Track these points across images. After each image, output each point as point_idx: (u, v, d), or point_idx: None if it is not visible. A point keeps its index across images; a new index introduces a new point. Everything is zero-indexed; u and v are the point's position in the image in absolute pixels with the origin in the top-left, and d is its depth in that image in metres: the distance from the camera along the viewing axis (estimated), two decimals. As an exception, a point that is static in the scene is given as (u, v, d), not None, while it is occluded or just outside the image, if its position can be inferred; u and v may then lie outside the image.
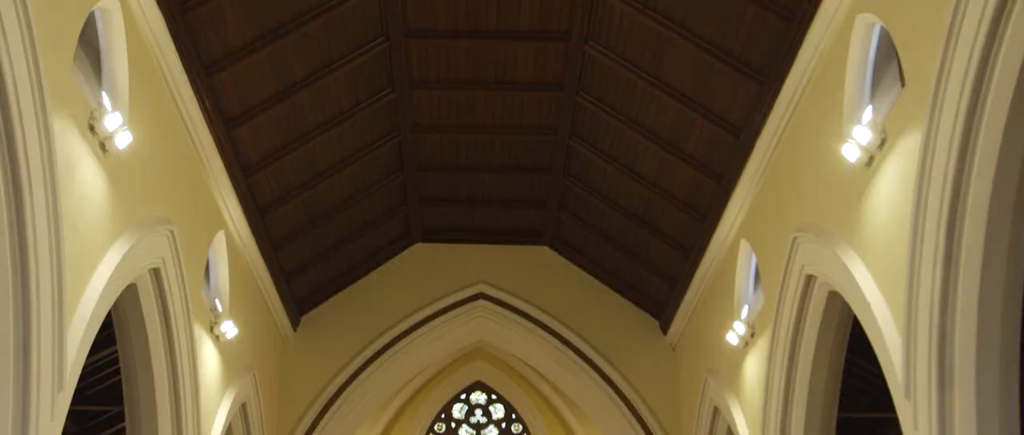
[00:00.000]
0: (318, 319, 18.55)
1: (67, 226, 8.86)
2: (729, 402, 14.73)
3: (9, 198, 7.99)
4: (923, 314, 8.62)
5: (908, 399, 8.99)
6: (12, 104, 7.76)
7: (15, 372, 8.39)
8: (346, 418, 18.13)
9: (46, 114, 8.20)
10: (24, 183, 8.03)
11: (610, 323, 18.55)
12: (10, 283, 8.17)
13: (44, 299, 8.53)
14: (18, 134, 7.87)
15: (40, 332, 8.54)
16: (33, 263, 8.32)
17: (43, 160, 8.27)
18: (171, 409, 12.41)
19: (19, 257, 8.22)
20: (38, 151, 8.18)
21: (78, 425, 16.81)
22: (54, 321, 8.76)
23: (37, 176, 8.19)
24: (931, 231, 8.39)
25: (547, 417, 26.01)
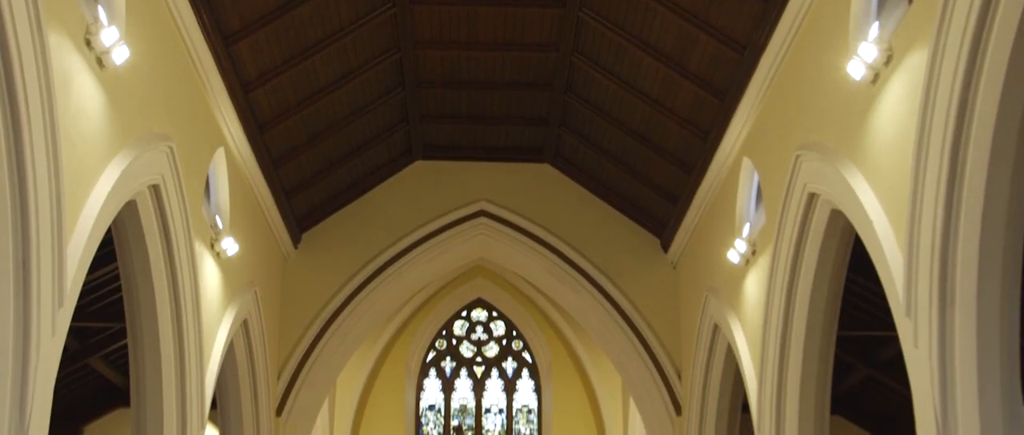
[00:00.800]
0: (319, 236, 18.55)
1: (65, 142, 8.80)
2: (729, 320, 14.78)
3: (5, 113, 7.93)
4: (925, 232, 8.60)
5: (908, 317, 9.00)
6: (6, 18, 7.66)
7: (15, 289, 8.40)
8: (347, 335, 18.22)
9: (41, 28, 8.10)
10: (20, 98, 7.96)
11: (611, 241, 18.56)
12: (8, 199, 8.13)
13: (43, 215, 8.50)
14: (13, 49, 7.78)
15: (39, 248, 8.53)
16: (31, 179, 8.28)
17: (39, 75, 8.19)
18: (172, 325, 12.45)
19: (17, 174, 8.17)
20: (34, 66, 8.09)
21: (80, 342, 16.90)
22: (53, 237, 8.74)
23: (33, 91, 8.11)
24: (935, 149, 8.33)
25: (547, 334, 26.17)
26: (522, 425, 26.40)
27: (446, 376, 26.57)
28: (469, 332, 26.86)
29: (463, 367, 26.66)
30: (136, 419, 12.64)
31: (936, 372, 8.60)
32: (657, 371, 17.96)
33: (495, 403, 26.54)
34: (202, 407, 13.49)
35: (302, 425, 18.20)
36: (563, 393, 25.95)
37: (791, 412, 12.75)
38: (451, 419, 26.27)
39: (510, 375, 26.64)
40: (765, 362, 13.16)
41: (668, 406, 17.83)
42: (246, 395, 16.29)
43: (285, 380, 17.74)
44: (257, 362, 16.37)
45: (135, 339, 12.35)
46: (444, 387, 26.50)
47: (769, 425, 13.11)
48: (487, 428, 26.22)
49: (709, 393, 16.37)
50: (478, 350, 26.75)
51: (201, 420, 13.43)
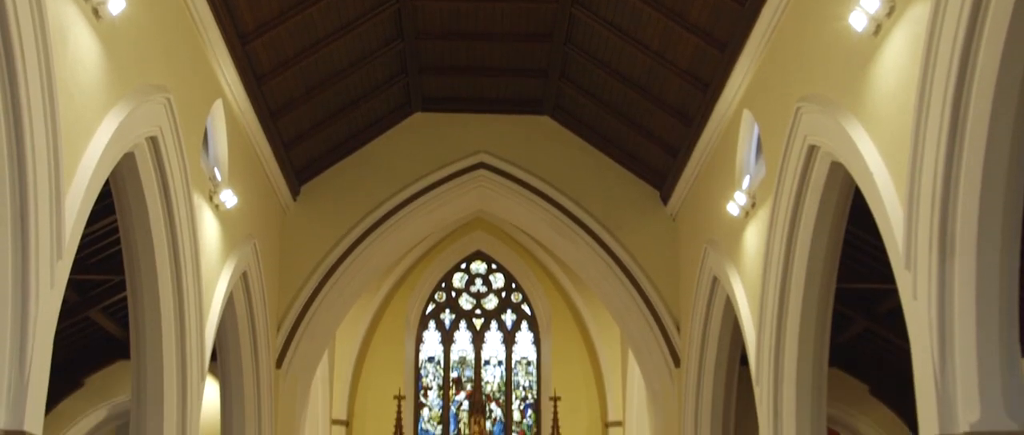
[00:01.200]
0: (318, 188, 18.52)
1: (61, 94, 8.76)
2: (728, 272, 14.79)
3: (1, 65, 7.88)
4: (926, 184, 8.57)
5: (908, 269, 9.00)
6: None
7: (13, 241, 8.40)
8: (347, 287, 18.24)
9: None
10: (16, 49, 7.91)
11: (610, 193, 18.53)
12: (5, 151, 8.11)
13: (40, 167, 8.48)
14: (8, 0, 7.73)
15: (37, 200, 8.51)
16: (28, 131, 8.25)
17: (35, 26, 8.14)
18: (172, 277, 12.46)
19: (13, 125, 8.15)
20: (29, 17, 8.03)
21: (80, 294, 16.90)
22: (51, 189, 8.73)
23: (29, 43, 8.06)
24: (937, 101, 8.29)
25: (546, 286, 26.22)
26: (521, 377, 26.52)
27: (445, 328, 26.65)
28: (468, 284, 26.90)
29: (462, 319, 26.73)
30: (136, 371, 12.68)
31: (935, 324, 8.61)
32: (656, 323, 18.00)
33: (494, 355, 26.64)
34: (202, 359, 13.53)
35: (302, 377, 18.28)
36: (562, 345, 26.04)
37: (789, 364, 12.79)
38: (450, 371, 26.38)
39: (509, 327, 26.72)
40: (764, 314, 13.19)
41: (667, 358, 17.89)
42: (246, 347, 16.33)
43: (285, 332, 17.78)
44: (257, 314, 16.40)
45: (134, 291, 12.36)
46: (443, 339, 26.59)
47: (767, 377, 13.15)
48: (486, 380, 26.33)
49: (708, 345, 16.41)
50: (477, 302, 26.81)
51: (201, 372, 13.47)
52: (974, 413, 8.43)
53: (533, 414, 26.26)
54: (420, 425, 25.97)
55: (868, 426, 19.42)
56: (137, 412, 12.74)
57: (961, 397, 8.50)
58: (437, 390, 26.36)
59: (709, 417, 16.65)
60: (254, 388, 16.60)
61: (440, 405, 26.22)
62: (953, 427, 8.51)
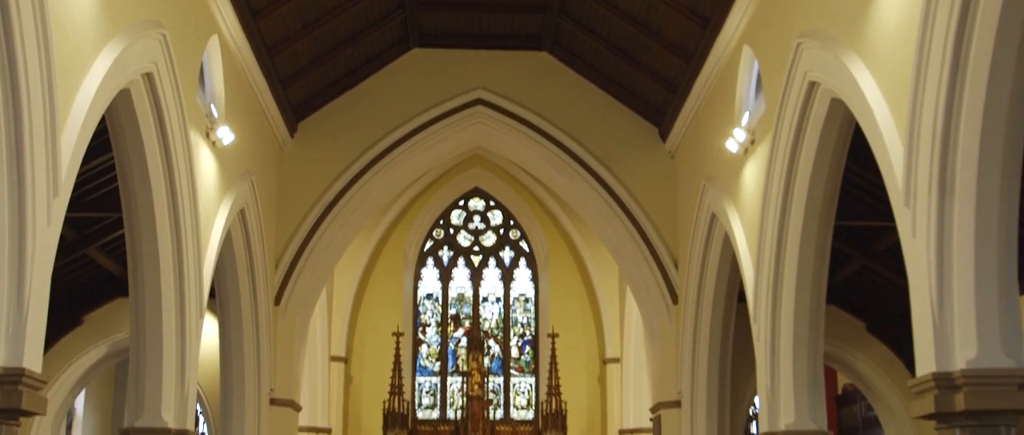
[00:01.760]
0: (315, 125, 18.43)
1: (56, 30, 8.67)
2: (726, 209, 14.78)
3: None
4: (927, 121, 8.53)
5: (907, 206, 8.98)
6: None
7: (9, 178, 8.37)
8: (345, 224, 18.22)
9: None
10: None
11: (609, 129, 18.46)
12: (0, 89, 8.05)
13: (35, 104, 8.42)
14: (-1, -67, 7.63)
15: (32, 137, 8.47)
16: (22, 67, 8.19)
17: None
18: (169, 214, 12.43)
19: (7, 62, 8.08)
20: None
21: (77, 231, 16.88)
22: (46, 126, 8.67)
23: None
24: (939, 36, 8.22)
25: (544, 223, 26.23)
26: (519, 313, 26.62)
27: (444, 265, 26.71)
28: (466, 221, 26.92)
29: (460, 256, 26.78)
30: (135, 309, 12.70)
31: (933, 261, 8.61)
32: (654, 260, 18.01)
33: (492, 292, 26.72)
34: (200, 296, 13.55)
35: (300, 314, 18.33)
36: (560, 282, 26.12)
37: (787, 301, 12.81)
38: (449, 308, 26.48)
39: (507, 264, 26.77)
40: (762, 251, 13.19)
41: (664, 295, 17.93)
42: (244, 284, 16.35)
43: (283, 269, 17.80)
44: (255, 251, 16.40)
45: (132, 229, 12.35)
46: (442, 276, 26.66)
47: (765, 314, 13.19)
48: (484, 317, 26.44)
49: (705, 282, 16.44)
50: (475, 239, 26.85)
51: (199, 309, 13.50)
52: (971, 350, 8.45)
53: (531, 351, 26.41)
54: (418, 362, 26.13)
55: (864, 363, 19.52)
56: (136, 349, 12.78)
57: (958, 335, 8.52)
58: (435, 327, 26.47)
59: (706, 354, 16.72)
60: (253, 325, 16.65)
61: (438, 342, 26.35)
62: (950, 364, 8.54)
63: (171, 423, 12.73)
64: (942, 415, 8.60)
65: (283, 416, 17.82)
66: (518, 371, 26.28)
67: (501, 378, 26.02)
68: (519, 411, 25.87)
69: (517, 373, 26.27)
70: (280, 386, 17.64)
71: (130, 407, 12.84)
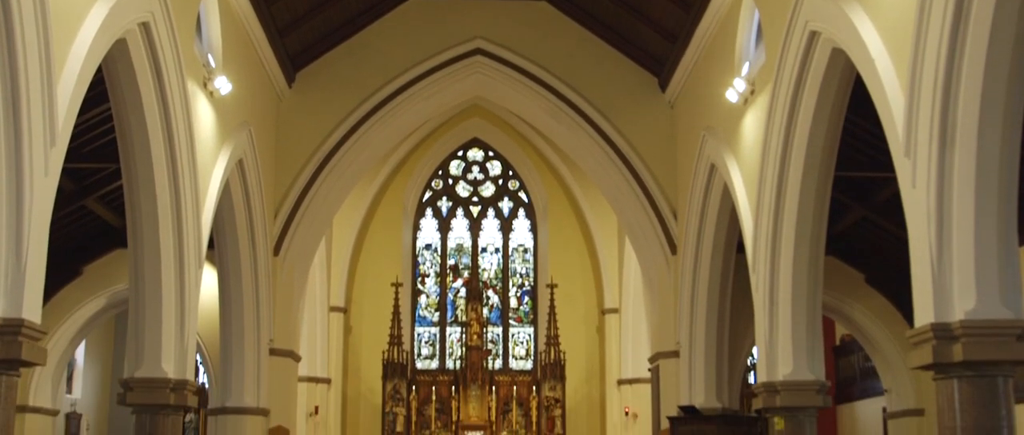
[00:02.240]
0: (313, 75, 18.34)
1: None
2: (726, 159, 14.74)
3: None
4: (928, 72, 8.48)
5: (908, 157, 8.95)
6: None
7: (5, 128, 8.33)
8: (344, 174, 18.18)
9: None
10: (1, -67, 7.74)
11: (608, 79, 18.37)
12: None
13: (31, 54, 8.38)
14: None
15: (28, 88, 8.43)
16: (17, 18, 8.13)
17: (20, -92, 7.96)
18: (167, 165, 12.40)
19: (3, 11, 8.03)
20: (14, -102, 7.85)
21: (76, 182, 16.83)
22: (42, 76, 8.63)
23: (15, -75, 7.89)
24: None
25: (544, 173, 26.20)
26: (518, 264, 26.65)
27: (442, 215, 26.71)
28: (465, 172, 26.88)
29: (459, 206, 26.77)
30: (133, 260, 12.70)
31: (933, 213, 8.60)
32: (653, 210, 18.00)
33: (491, 242, 26.74)
34: (199, 247, 13.55)
35: (299, 264, 18.34)
36: (559, 232, 26.12)
37: (786, 251, 12.81)
38: (448, 258, 26.51)
39: (506, 214, 26.77)
40: (761, 201, 13.17)
41: (663, 245, 17.93)
42: (243, 235, 16.35)
43: (282, 220, 17.78)
44: (253, 202, 16.38)
45: (130, 179, 12.32)
46: (441, 226, 26.66)
47: (764, 264, 13.19)
48: (483, 267, 26.47)
49: (704, 232, 16.44)
50: (474, 189, 26.82)
51: (198, 260, 13.50)
52: (970, 301, 8.46)
53: (530, 301, 26.47)
54: (417, 312, 26.20)
55: (862, 314, 19.55)
56: (135, 300, 12.80)
57: (957, 286, 8.53)
58: (434, 277, 26.52)
59: (705, 304, 16.75)
60: (252, 275, 16.67)
61: (437, 292, 26.41)
62: (948, 316, 8.55)
63: (171, 373, 12.77)
64: (940, 366, 8.63)
65: (283, 366, 17.88)
66: (517, 321, 26.36)
67: (500, 328, 26.11)
68: (518, 361, 25.97)
69: (516, 323, 26.35)
70: (279, 336, 17.69)
71: (130, 358, 12.89)
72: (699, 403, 16.35)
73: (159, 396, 12.67)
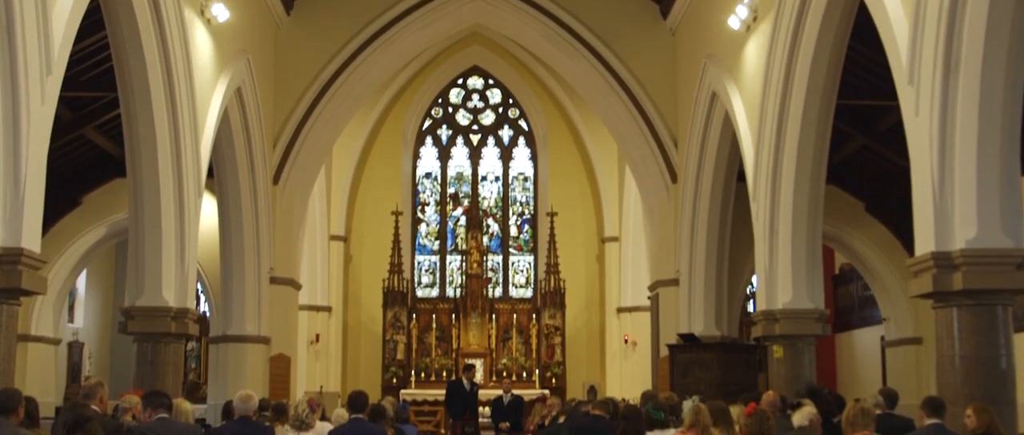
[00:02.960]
0: (311, 2, 18.15)
1: (42, -97, 8.48)
2: (727, 87, 14.65)
3: None
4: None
5: (911, 85, 8.90)
6: None
7: (1, 57, 8.26)
8: (343, 103, 18.09)
9: None
10: None
11: (609, 6, 18.19)
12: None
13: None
14: None
15: (23, 15, 8.35)
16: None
17: None
18: (165, 93, 12.34)
19: (-6, -63, 7.92)
20: None
21: (74, 111, 16.74)
22: (37, 4, 8.54)
23: None
24: (949, -89, 8.04)
25: (544, 102, 26.06)
26: (518, 192, 26.62)
27: (442, 144, 26.62)
28: (465, 100, 26.75)
29: (459, 135, 26.67)
30: (132, 189, 12.68)
31: (935, 141, 8.56)
32: (653, 139, 17.92)
33: (491, 171, 26.68)
34: (198, 176, 13.52)
35: (299, 193, 18.32)
36: (559, 161, 26.05)
37: (787, 180, 12.79)
38: (448, 186, 26.47)
39: (506, 143, 26.68)
40: (763, 130, 13.12)
41: (664, 173, 17.89)
42: (242, 163, 16.30)
43: (281, 148, 17.73)
44: (252, 130, 16.32)
45: (128, 108, 12.26)
46: (440, 155, 26.59)
47: (764, 193, 13.17)
48: (483, 195, 26.44)
49: (705, 161, 16.39)
50: (474, 118, 26.71)
51: (198, 189, 13.48)
52: (971, 230, 8.46)
53: (530, 229, 26.48)
54: (417, 240, 26.22)
55: (862, 243, 19.56)
56: (135, 229, 12.81)
57: (958, 214, 8.52)
58: (434, 206, 26.50)
59: (705, 233, 16.76)
60: (251, 204, 16.65)
61: (437, 220, 26.41)
62: (949, 244, 8.55)
63: (172, 302, 12.82)
64: (940, 294, 8.65)
65: (283, 294, 17.94)
66: (517, 250, 26.40)
67: (500, 256, 26.14)
68: (518, 289, 26.04)
69: (516, 252, 26.38)
70: (280, 265, 17.72)
71: (131, 287, 12.92)
72: (698, 331, 16.42)
73: (160, 324, 12.73)
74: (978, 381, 8.46)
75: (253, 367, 16.88)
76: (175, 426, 7.14)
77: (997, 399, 8.41)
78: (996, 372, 8.50)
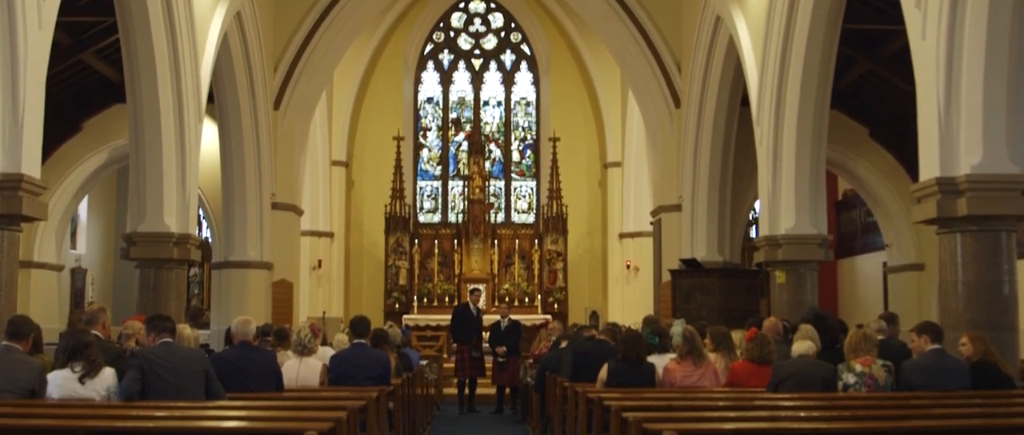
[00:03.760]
0: (311, -76, 17.93)
1: None
2: (732, 11, 14.50)
3: None
4: (943, -81, 8.26)
5: (918, 8, 8.79)
6: None
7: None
8: (343, 27, 17.93)
9: None
10: None
11: (612, -71, 17.94)
12: None
13: (18, -98, 8.16)
14: None
15: (17, -62, 8.23)
16: None
17: None
18: (163, 17, 12.22)
19: None
20: None
21: (72, 36, 16.59)
22: (31, -74, 8.42)
23: None
24: None
25: (546, 25, 25.85)
26: (520, 117, 26.50)
27: (444, 68, 26.44)
28: (467, 24, 26.52)
29: (461, 60, 26.49)
30: (132, 114, 12.62)
31: (942, 65, 8.47)
32: (657, 63, 17.78)
33: (493, 95, 26.54)
34: (198, 101, 13.44)
35: (300, 118, 18.24)
36: (561, 86, 25.90)
37: (791, 105, 12.70)
38: (449, 111, 26.34)
39: (508, 67, 26.51)
40: (767, 54, 13.00)
41: (667, 98, 17.77)
42: (243, 88, 16.21)
43: (282, 73, 17.60)
44: (253, 55, 16.20)
45: (126, 32, 12.15)
46: (442, 80, 26.43)
47: (768, 118, 13.09)
48: (485, 120, 26.32)
49: (709, 86, 16.28)
50: (476, 42, 26.50)
51: (198, 114, 13.41)
52: (976, 155, 8.40)
53: (532, 154, 26.41)
54: (419, 166, 26.17)
55: (866, 169, 19.49)
56: (136, 155, 12.76)
57: (964, 139, 8.46)
58: (436, 131, 26.40)
59: (708, 158, 16.70)
60: (252, 129, 16.59)
61: (439, 146, 26.33)
62: (954, 170, 8.50)
63: (173, 228, 12.81)
64: (944, 220, 8.62)
65: (285, 220, 17.94)
66: (519, 175, 26.34)
67: (502, 182, 26.10)
68: (520, 214, 26.04)
69: (518, 177, 26.33)
70: (281, 190, 17.70)
71: (132, 213, 12.92)
72: (700, 256, 16.43)
73: (162, 250, 12.74)
74: (981, 307, 8.46)
75: (256, 293, 16.94)
76: (179, 350, 7.14)
77: (999, 325, 8.42)
78: (999, 298, 8.49)
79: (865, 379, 7.41)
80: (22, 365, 6.79)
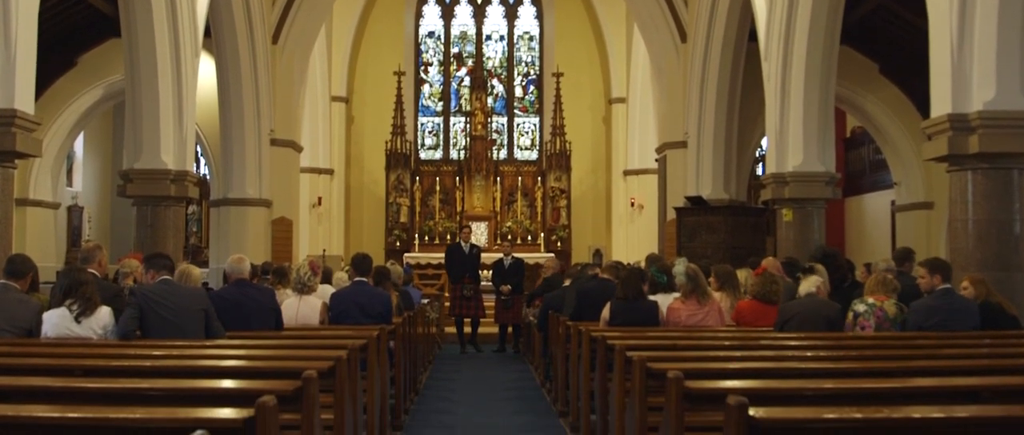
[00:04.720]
0: None
1: None
2: (739, -56, 14.24)
3: None
4: None
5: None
6: None
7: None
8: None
9: None
10: None
11: None
12: None
13: None
14: None
15: None
16: None
17: None
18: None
19: None
20: None
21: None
22: None
23: None
24: None
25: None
26: (523, 52, 26.22)
27: (445, 2, 26.11)
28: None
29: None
30: (127, 49, 12.44)
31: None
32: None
33: (496, 30, 26.23)
34: (195, 35, 13.23)
35: (299, 52, 18.02)
36: (565, 20, 25.61)
37: (800, 40, 12.51)
38: (451, 46, 26.05)
39: (511, 1, 26.17)
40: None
41: (673, 33, 17.54)
42: (240, 22, 15.98)
43: (280, 6, 17.36)
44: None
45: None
46: (444, 14, 26.10)
47: (776, 54, 12.89)
48: (487, 55, 26.03)
49: (716, 20, 16.06)
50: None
51: (194, 48, 13.20)
52: (989, 92, 8.23)
53: (535, 90, 26.16)
54: (421, 101, 25.93)
55: (875, 105, 19.28)
56: (132, 91, 12.60)
57: (977, 75, 8.29)
58: (437, 66, 26.13)
59: (714, 94, 16.52)
60: (251, 64, 16.39)
61: (441, 81, 26.07)
62: (966, 106, 8.33)
63: (171, 164, 12.67)
64: (955, 157, 8.46)
65: (284, 157, 17.79)
66: (522, 111, 26.11)
67: (505, 118, 25.88)
68: (523, 151, 25.85)
69: (521, 113, 26.10)
70: (280, 127, 17.52)
71: (129, 150, 12.77)
72: (706, 194, 16.30)
73: (159, 187, 12.61)
74: (990, 245, 8.33)
75: (255, 230, 16.84)
76: (179, 289, 7.02)
77: (1009, 264, 8.30)
78: (1009, 237, 8.35)
79: (874, 310, 7.33)
80: (20, 304, 6.70)
